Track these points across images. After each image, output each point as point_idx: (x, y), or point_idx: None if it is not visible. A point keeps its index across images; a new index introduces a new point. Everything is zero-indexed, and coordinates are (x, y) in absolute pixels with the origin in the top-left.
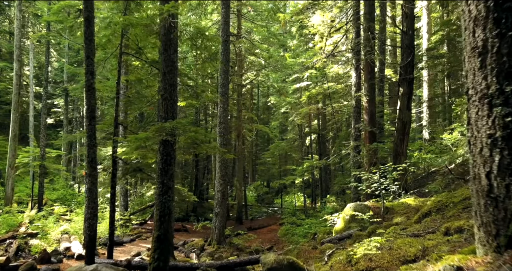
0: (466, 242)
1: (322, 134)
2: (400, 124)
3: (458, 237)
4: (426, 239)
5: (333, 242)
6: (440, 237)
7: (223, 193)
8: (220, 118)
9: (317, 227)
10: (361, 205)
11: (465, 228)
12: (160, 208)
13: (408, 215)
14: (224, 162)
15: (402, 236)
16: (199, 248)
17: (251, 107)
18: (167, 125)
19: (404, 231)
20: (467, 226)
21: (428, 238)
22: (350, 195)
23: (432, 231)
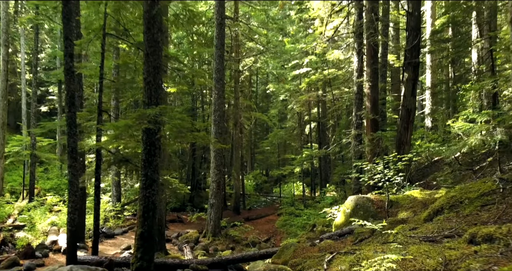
0: (503, 256)
1: (322, 122)
2: (404, 112)
3: (489, 248)
4: (446, 247)
5: (333, 238)
6: (463, 245)
7: (219, 183)
8: (215, 106)
9: (316, 218)
10: (363, 198)
11: (497, 236)
12: (144, 202)
13: (414, 210)
14: (220, 152)
15: (413, 239)
16: (193, 240)
17: (249, 95)
18: (149, 112)
19: (415, 232)
20: (499, 234)
21: (448, 245)
22: (350, 185)
23: (450, 234)
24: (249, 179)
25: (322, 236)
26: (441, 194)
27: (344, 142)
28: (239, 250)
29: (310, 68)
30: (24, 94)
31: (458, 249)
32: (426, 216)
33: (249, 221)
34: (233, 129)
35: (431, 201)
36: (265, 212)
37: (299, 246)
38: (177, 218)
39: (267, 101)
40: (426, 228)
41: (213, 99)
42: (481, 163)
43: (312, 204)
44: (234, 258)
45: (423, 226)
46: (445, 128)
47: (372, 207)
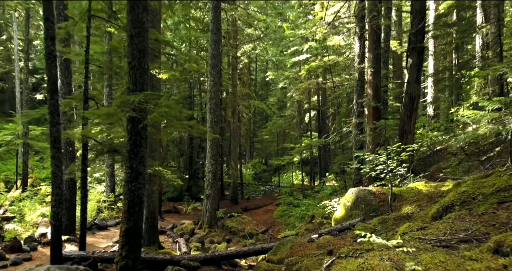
0: None
1: (322, 110)
2: (407, 99)
3: None
4: (466, 257)
5: (332, 233)
6: (487, 256)
7: (215, 173)
8: (211, 93)
9: (314, 209)
10: (365, 191)
11: None
12: (129, 197)
13: (419, 204)
14: (216, 141)
15: (424, 244)
16: (188, 232)
17: (248, 82)
18: (133, 98)
19: (424, 233)
20: None
21: (468, 255)
22: (350, 175)
23: (466, 238)
24: (248, 168)
25: (321, 231)
26: (448, 186)
27: (345, 131)
28: (235, 242)
29: (310, 54)
30: (18, 82)
31: (481, 261)
32: (434, 212)
33: (247, 211)
34: (231, 117)
35: (437, 195)
36: (264, 202)
37: (297, 242)
38: (173, 208)
39: (267, 89)
40: (437, 228)
41: (208, 86)
42: (488, 153)
43: (311, 194)
44: (227, 254)
45: (432, 225)
46: (448, 116)
47: (374, 200)
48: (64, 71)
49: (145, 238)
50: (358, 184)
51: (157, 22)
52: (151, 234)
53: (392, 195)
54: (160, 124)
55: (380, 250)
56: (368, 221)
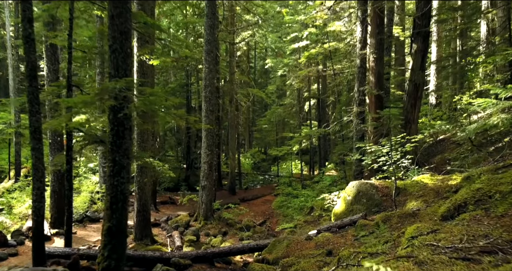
0: None
1: (322, 99)
2: (411, 87)
3: None
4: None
5: (332, 230)
6: None
7: (210, 164)
8: (206, 81)
9: (314, 200)
10: (367, 184)
11: None
12: (112, 192)
13: (425, 199)
14: (211, 131)
15: (439, 255)
16: (183, 224)
17: (247, 70)
18: (113, 85)
19: (437, 239)
20: None
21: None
22: (351, 165)
23: (488, 247)
24: (247, 157)
25: (319, 228)
26: (456, 180)
27: (345, 120)
28: (232, 235)
29: (309, 41)
30: (11, 70)
31: None
32: (444, 211)
33: (245, 202)
34: (229, 106)
35: (444, 189)
36: (262, 192)
37: (293, 239)
38: (169, 199)
39: (266, 77)
40: (450, 232)
41: (203, 73)
42: (496, 143)
43: (310, 184)
44: (220, 251)
45: (444, 228)
46: (451, 105)
47: (376, 194)
48: (51, 57)
49: (137, 232)
50: (358, 175)
51: (149, 6)
52: (143, 227)
53: (396, 189)
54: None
55: (386, 257)
56: (370, 216)
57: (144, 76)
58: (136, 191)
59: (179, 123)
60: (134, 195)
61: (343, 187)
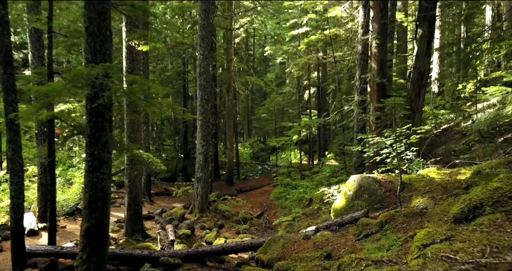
0: None
1: (322, 87)
2: (416, 75)
3: None
4: None
5: (331, 228)
6: None
7: (206, 155)
8: (201, 68)
9: (313, 191)
10: (369, 179)
11: None
12: (91, 190)
13: (433, 195)
14: (207, 120)
15: (457, 269)
16: (178, 217)
17: (246, 58)
18: (88, 71)
19: (453, 249)
20: None
21: None
22: (351, 156)
23: None
24: (246, 147)
25: (318, 225)
26: (465, 174)
27: (346, 109)
28: (228, 228)
29: (309, 27)
30: None
31: None
32: (457, 212)
33: (242, 193)
34: (226, 95)
35: (453, 185)
36: (260, 183)
37: (290, 238)
38: (164, 190)
39: (265, 65)
40: (468, 240)
41: (198, 60)
42: (506, 134)
43: (309, 174)
44: (212, 250)
45: (460, 234)
46: (455, 93)
47: (379, 189)
48: (35, 43)
49: (128, 226)
50: (359, 167)
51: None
52: (135, 222)
53: (401, 184)
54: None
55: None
56: (372, 213)
57: (134, 63)
58: (126, 184)
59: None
60: (125, 188)
61: (343, 178)
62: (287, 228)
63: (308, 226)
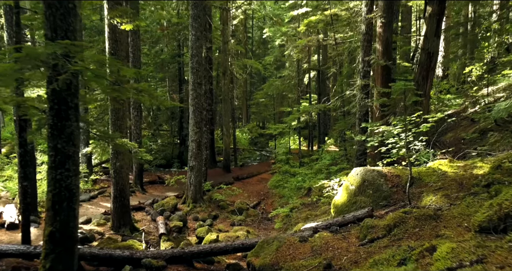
0: None
1: (322, 71)
2: (424, 56)
3: None
4: None
5: (331, 229)
6: None
7: (199, 143)
8: (192, 50)
9: (312, 180)
10: (373, 172)
11: None
12: (54, 189)
13: (447, 193)
14: (199, 106)
15: None
16: (170, 208)
17: (244, 40)
18: (43, 50)
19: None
20: None
21: None
22: (353, 144)
23: None
24: (244, 132)
25: (317, 224)
26: (483, 169)
27: (348, 94)
28: (223, 219)
29: (309, 8)
30: None
31: None
32: (483, 220)
33: (239, 181)
34: (222, 78)
35: (470, 180)
36: (258, 170)
37: (285, 241)
38: (158, 179)
39: (264, 48)
40: (509, 266)
41: (190, 41)
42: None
43: (308, 161)
44: (200, 251)
45: (494, 255)
46: (460, 77)
47: (385, 185)
48: (10, 21)
49: (115, 220)
50: (361, 155)
51: None
52: (122, 215)
53: (411, 179)
54: (101, 88)
55: None
56: (377, 212)
57: (117, 44)
58: (112, 175)
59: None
60: (111, 179)
61: (343, 167)
62: (284, 219)
63: (306, 218)
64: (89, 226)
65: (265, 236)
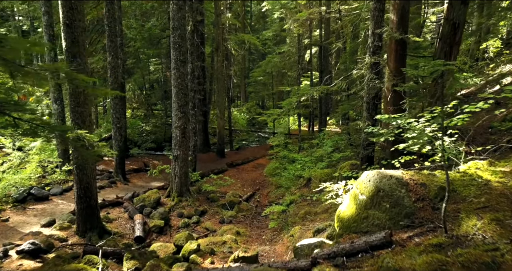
0: None
1: (325, 46)
2: (448, 28)
3: None
4: None
5: (335, 261)
6: None
7: (183, 129)
8: (174, 22)
9: (312, 168)
10: (391, 180)
11: None
12: None
13: (498, 217)
14: (183, 87)
15: None
16: (152, 203)
17: (242, 14)
18: None
19: None
20: None
21: None
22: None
23: None
24: (242, 112)
25: (317, 253)
26: None
27: (355, 74)
28: (211, 215)
29: None
30: None
31: None
32: None
33: (234, 167)
34: (215, 55)
35: None
36: (254, 154)
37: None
38: (143, 166)
39: (263, 22)
40: None
41: (171, 12)
42: None
43: (308, 146)
44: None
45: None
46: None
47: (407, 197)
48: None
49: (80, 223)
50: (369, 146)
51: None
52: (88, 217)
53: (438, 189)
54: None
55: None
56: (398, 235)
57: (73, 12)
58: (74, 172)
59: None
60: (73, 176)
61: (347, 154)
62: (280, 216)
63: (305, 217)
64: (51, 230)
65: (258, 241)
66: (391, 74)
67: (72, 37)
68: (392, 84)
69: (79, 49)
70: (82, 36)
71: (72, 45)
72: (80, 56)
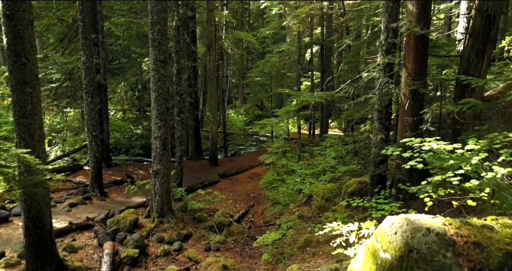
0: None
1: (327, 45)
2: (480, 22)
3: None
4: None
5: None
6: None
7: (164, 140)
8: (153, 16)
9: (313, 183)
10: (428, 235)
11: None
12: None
13: None
14: (163, 91)
15: None
16: (127, 226)
17: (240, 11)
18: None
19: None
20: None
21: None
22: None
23: None
24: (240, 114)
25: None
26: None
27: (365, 78)
28: (196, 239)
29: None
30: None
31: None
32: None
33: (226, 178)
34: (208, 54)
35: None
36: (250, 162)
37: None
38: (126, 177)
39: (262, 20)
40: None
41: (149, 5)
42: None
43: (309, 154)
44: None
45: None
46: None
47: (455, 267)
48: None
49: (29, 259)
50: (381, 164)
51: None
52: (39, 253)
53: (507, 258)
54: None
55: None
56: None
57: (16, 2)
58: (21, 197)
59: None
60: (20, 203)
61: (353, 168)
62: (276, 244)
63: (304, 248)
64: None
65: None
66: (409, 77)
67: (14, 32)
68: (410, 89)
69: (25, 46)
70: (28, 30)
71: (15, 41)
72: (26, 56)
